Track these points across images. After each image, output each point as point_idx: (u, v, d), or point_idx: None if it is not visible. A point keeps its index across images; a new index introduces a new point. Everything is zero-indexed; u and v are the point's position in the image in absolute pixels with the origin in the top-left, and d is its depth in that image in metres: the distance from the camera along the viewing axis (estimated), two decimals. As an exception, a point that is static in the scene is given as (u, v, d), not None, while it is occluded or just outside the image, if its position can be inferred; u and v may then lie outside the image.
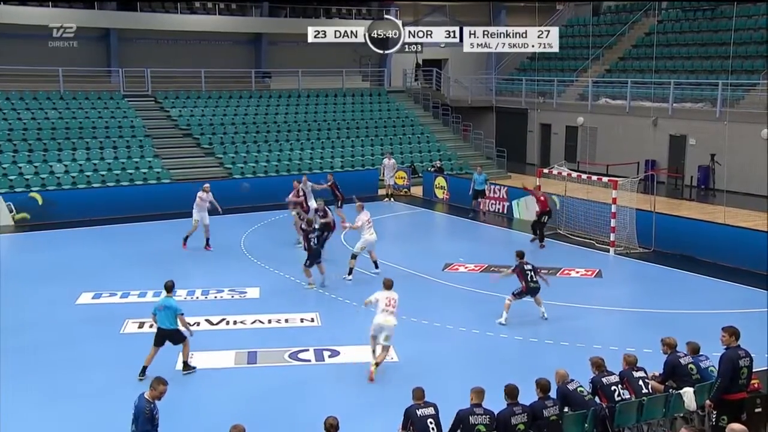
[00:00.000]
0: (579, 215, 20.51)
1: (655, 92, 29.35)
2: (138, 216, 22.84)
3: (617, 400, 8.75)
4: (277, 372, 11.44)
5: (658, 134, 29.00)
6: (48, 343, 12.47)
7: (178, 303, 11.26)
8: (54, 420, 9.85)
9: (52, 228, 21.29)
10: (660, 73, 30.24)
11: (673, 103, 28.71)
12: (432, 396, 8.30)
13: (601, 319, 14.09)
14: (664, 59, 31.62)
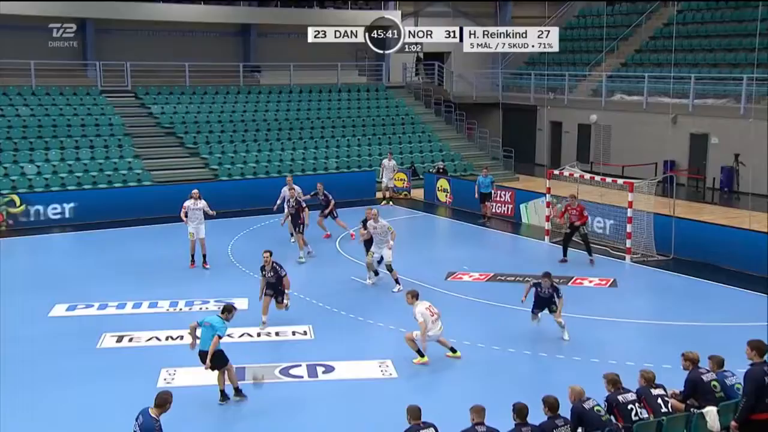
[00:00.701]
0: (592, 220, 20.51)
1: (675, 87, 29.34)
2: (116, 221, 22.84)
3: (634, 420, 8.72)
4: (267, 389, 11.40)
5: (678, 133, 29.02)
6: (17, 360, 12.39)
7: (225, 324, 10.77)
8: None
9: (22, 234, 21.27)
10: (680, 66, 30.27)
11: (694, 99, 28.76)
12: (433, 415, 8.28)
13: (616, 332, 14.07)
14: (684, 52, 31.68)
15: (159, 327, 13.85)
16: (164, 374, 11.72)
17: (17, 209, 22.01)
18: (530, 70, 35.92)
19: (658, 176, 24.69)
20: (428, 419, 8.15)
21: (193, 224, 17.20)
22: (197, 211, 17.22)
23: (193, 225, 17.20)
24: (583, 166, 24.76)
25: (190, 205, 17.28)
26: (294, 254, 18.29)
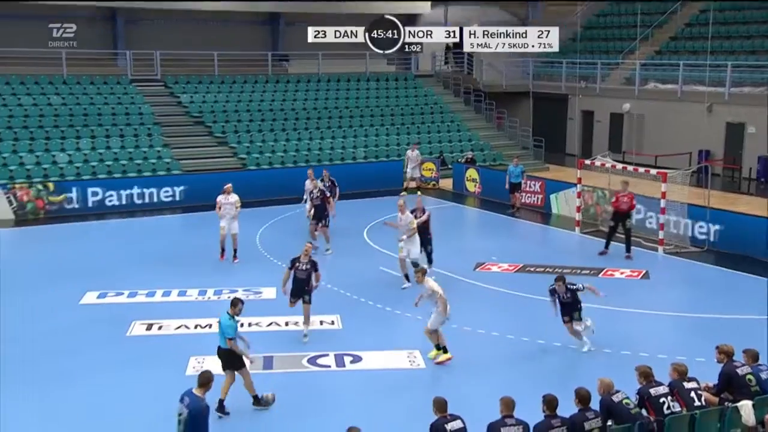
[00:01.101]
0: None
1: (710, 75, 28.91)
2: (146, 209, 23.15)
3: (666, 413, 8.63)
4: (295, 378, 11.48)
5: (713, 122, 28.60)
6: (49, 347, 12.60)
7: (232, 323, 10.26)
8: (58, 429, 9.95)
9: (53, 222, 21.62)
10: (716, 54, 29.79)
11: (731, 87, 28.29)
12: (460, 407, 8.27)
13: (648, 324, 13.93)
14: (720, 39, 31.13)
15: (188, 315, 14.00)
16: (193, 362, 11.84)
17: (58, 198, 22.37)
18: (562, 58, 35.55)
19: (693, 166, 24.37)
20: (456, 411, 8.13)
21: (225, 219, 17.09)
22: (229, 205, 17.06)
23: (226, 219, 17.09)
24: (615, 156, 24.52)
25: (222, 199, 17.16)
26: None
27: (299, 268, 12.84)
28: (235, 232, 17.20)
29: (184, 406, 7.93)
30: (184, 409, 7.87)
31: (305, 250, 12.91)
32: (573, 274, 16.69)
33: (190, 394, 8.05)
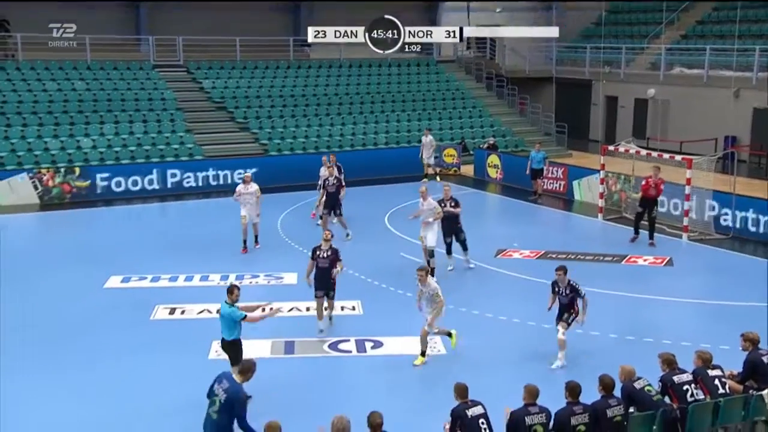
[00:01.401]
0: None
1: (738, 60, 28.50)
2: (169, 194, 23.32)
3: (690, 401, 8.58)
4: (316, 363, 11.54)
5: (740, 107, 28.23)
6: (74, 330, 12.76)
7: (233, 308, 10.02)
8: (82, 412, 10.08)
9: (78, 207, 21.83)
10: (743, 38, 29.36)
11: (758, 72, 27.85)
12: (481, 393, 8.26)
13: (671, 311, 13.83)
14: (748, 22, 30.67)
15: (210, 300, 14.05)
16: (215, 346, 11.88)
17: (84, 183, 22.58)
18: (585, 43, 35.24)
19: (719, 152, 24.08)
20: (476, 397, 8.13)
21: (245, 208, 16.95)
22: (248, 195, 16.92)
23: (246, 209, 16.94)
24: (639, 142, 24.28)
25: (242, 189, 17.04)
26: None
27: (320, 256, 12.42)
28: (255, 221, 17.13)
29: (222, 389, 7.82)
30: (223, 393, 7.79)
31: (325, 238, 12.61)
32: (596, 261, 16.64)
33: (230, 379, 7.91)
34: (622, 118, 32.84)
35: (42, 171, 22.44)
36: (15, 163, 23.22)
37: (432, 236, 15.21)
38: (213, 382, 8.04)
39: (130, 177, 23.28)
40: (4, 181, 21.92)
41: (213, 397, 7.89)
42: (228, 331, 10.05)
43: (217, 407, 7.78)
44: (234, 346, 10.10)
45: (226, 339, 10.10)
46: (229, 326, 10.01)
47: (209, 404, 7.92)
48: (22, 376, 10.92)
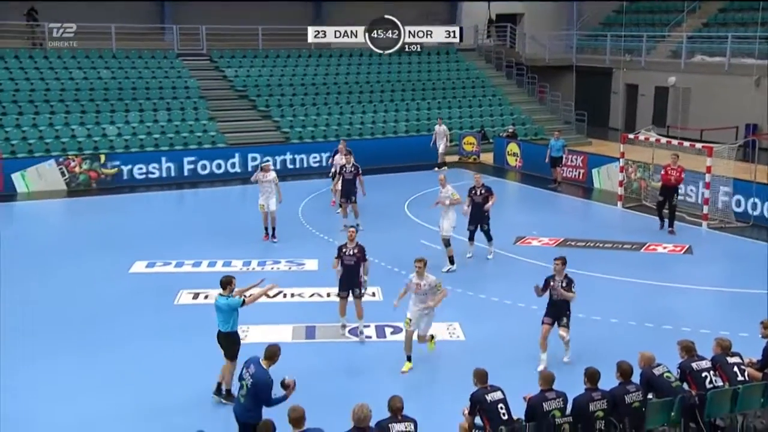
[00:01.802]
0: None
1: (760, 48, 28.08)
2: (192, 181, 23.44)
3: (709, 388, 8.52)
4: (337, 348, 11.58)
5: (762, 95, 27.84)
6: (102, 314, 12.89)
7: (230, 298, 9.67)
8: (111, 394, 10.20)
9: (104, 193, 22.03)
10: (765, 26, 28.90)
11: (780, 60, 27.48)
12: (500, 379, 8.25)
13: (690, 299, 13.71)
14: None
15: (232, 285, 14.15)
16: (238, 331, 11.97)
17: (110, 170, 22.77)
18: (606, 31, 34.87)
19: (739, 140, 23.80)
20: (495, 382, 8.12)
21: (263, 196, 16.67)
22: (267, 183, 16.61)
23: (264, 197, 16.66)
24: (659, 131, 24.01)
25: (261, 177, 16.73)
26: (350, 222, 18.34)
27: (346, 254, 11.87)
28: (273, 209, 16.69)
29: (249, 374, 7.90)
30: (249, 378, 7.88)
31: (350, 236, 12.00)
32: (615, 249, 16.54)
33: (257, 364, 7.95)
34: (643, 107, 32.51)
35: (69, 158, 22.63)
36: (43, 150, 23.45)
37: (447, 224, 15.01)
38: (242, 368, 8.11)
39: (155, 164, 23.41)
40: (32, 168, 22.15)
41: (241, 381, 8.01)
42: (225, 323, 9.64)
43: (244, 391, 7.92)
44: (230, 338, 9.72)
45: (223, 331, 9.69)
46: (227, 317, 9.61)
47: (239, 388, 8.05)
48: (52, 358, 11.06)
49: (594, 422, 7.91)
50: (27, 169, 22.10)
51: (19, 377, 10.45)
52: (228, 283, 9.71)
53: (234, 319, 9.67)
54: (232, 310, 9.58)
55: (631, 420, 8.12)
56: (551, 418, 7.86)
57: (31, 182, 22.05)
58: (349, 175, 17.80)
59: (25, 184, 22.03)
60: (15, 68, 26.58)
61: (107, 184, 22.69)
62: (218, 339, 9.81)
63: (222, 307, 9.60)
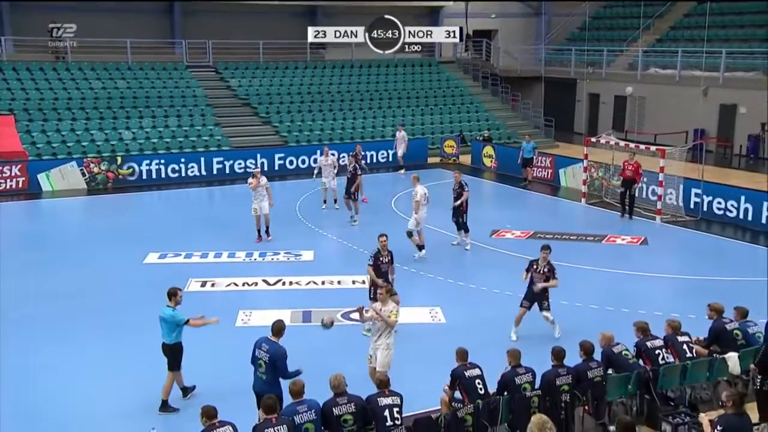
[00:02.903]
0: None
1: (706, 61, 28.25)
2: (200, 181, 23.35)
3: (661, 364, 8.60)
4: (330, 330, 11.52)
5: (708, 103, 28.01)
6: (117, 301, 12.84)
7: (177, 312, 9.10)
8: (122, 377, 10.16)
9: (120, 192, 21.92)
10: (711, 42, 29.09)
11: (724, 72, 27.62)
12: (477, 358, 8.29)
13: (646, 285, 13.80)
14: (716, 28, 30.38)
15: (237, 274, 14.15)
16: (241, 315, 11.99)
17: (126, 171, 22.62)
18: (571, 45, 34.95)
19: (689, 144, 23.93)
20: (474, 361, 8.16)
21: (256, 201, 16.05)
22: (259, 188, 15.99)
23: (257, 201, 16.05)
24: (618, 135, 24.18)
25: (252, 182, 16.11)
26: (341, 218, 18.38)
27: (382, 261, 11.42)
28: (266, 212, 16.13)
29: (264, 351, 7.92)
30: (265, 354, 7.90)
31: (382, 244, 11.45)
32: (579, 241, 16.61)
33: (268, 341, 7.97)
34: (604, 113, 32.61)
35: (89, 160, 22.48)
36: (65, 153, 23.28)
37: (412, 219, 15.05)
38: (254, 350, 8.10)
39: (166, 165, 23.29)
40: (56, 169, 21.98)
41: (258, 361, 7.99)
42: (168, 335, 9.04)
43: (264, 369, 7.91)
44: (174, 349, 9.09)
45: (168, 343, 9.05)
46: (171, 329, 9.02)
47: (256, 368, 8.01)
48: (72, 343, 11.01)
49: (560, 395, 7.98)
50: (51, 170, 21.95)
51: (48, 358, 10.40)
52: (174, 295, 9.14)
53: (178, 332, 9.07)
54: (176, 324, 9.01)
55: (593, 393, 8.20)
56: (522, 391, 7.92)
57: (54, 182, 21.91)
58: (349, 174, 18.10)
59: (49, 183, 21.88)
60: (40, 80, 26.37)
61: (123, 183, 22.56)
62: (163, 350, 9.18)
63: (167, 319, 9.02)
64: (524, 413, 7.48)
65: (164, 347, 9.12)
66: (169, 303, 9.08)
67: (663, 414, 8.26)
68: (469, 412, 7.65)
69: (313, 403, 7.24)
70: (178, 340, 9.08)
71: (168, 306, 9.07)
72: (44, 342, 10.92)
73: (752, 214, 17.43)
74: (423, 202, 15.02)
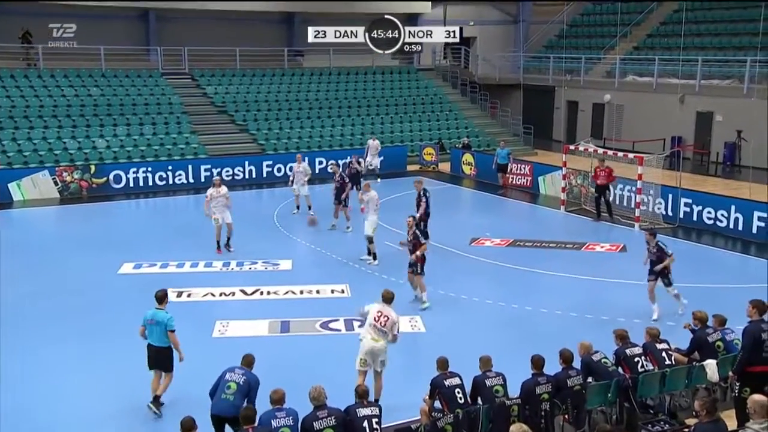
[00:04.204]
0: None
1: (683, 69, 28.67)
2: (176, 189, 23.18)
3: (640, 372, 8.66)
4: (309, 340, 11.53)
5: (685, 111, 28.41)
6: (89, 311, 12.68)
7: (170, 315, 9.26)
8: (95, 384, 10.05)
9: (94, 201, 21.67)
10: (688, 50, 29.52)
11: (701, 80, 28.04)
12: (457, 366, 8.30)
13: (625, 292, 13.90)
14: (692, 36, 30.84)
15: (213, 284, 14.05)
16: (218, 326, 11.90)
17: (100, 180, 22.38)
18: (549, 53, 35.29)
19: (666, 151, 24.23)
20: (454, 370, 8.17)
21: (217, 210, 15.74)
22: (220, 198, 15.73)
23: (218, 211, 15.76)
24: (596, 142, 24.40)
25: (213, 192, 15.79)
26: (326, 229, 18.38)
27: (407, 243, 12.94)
28: (229, 221, 15.85)
29: (240, 375, 7.95)
30: (241, 377, 7.93)
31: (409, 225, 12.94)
32: (558, 248, 16.73)
33: (243, 368, 8.03)
34: (582, 121, 32.94)
35: (62, 168, 22.22)
36: (37, 162, 22.98)
37: (368, 225, 15.27)
38: (223, 374, 8.06)
39: (141, 174, 23.09)
40: (27, 178, 21.70)
41: (228, 383, 7.93)
42: (164, 338, 9.11)
43: (233, 391, 7.86)
44: (170, 352, 9.20)
45: (163, 346, 9.12)
46: (164, 333, 9.11)
47: (221, 392, 7.90)
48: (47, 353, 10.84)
49: (540, 404, 8.01)
50: (23, 179, 21.65)
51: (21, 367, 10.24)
52: (165, 297, 9.32)
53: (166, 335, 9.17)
54: (167, 328, 9.10)
55: (573, 401, 8.23)
56: (495, 393, 7.95)
57: (26, 191, 21.61)
58: (336, 183, 18.23)
59: (20, 192, 21.58)
60: (11, 87, 26.03)
61: (96, 192, 22.31)
62: (157, 354, 9.19)
63: (161, 322, 9.09)
64: (504, 422, 7.50)
65: (159, 350, 9.17)
66: (160, 306, 9.24)
67: (643, 422, 8.32)
68: (449, 422, 7.65)
69: (291, 411, 7.28)
70: (169, 343, 9.18)
71: (158, 308, 9.21)
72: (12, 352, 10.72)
73: (731, 222, 17.67)
74: (373, 209, 15.28)
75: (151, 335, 9.22)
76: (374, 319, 9.31)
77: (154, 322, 9.16)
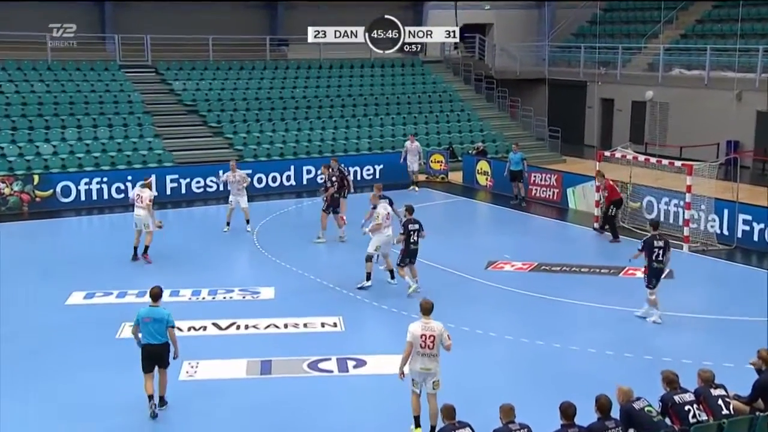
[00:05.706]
0: (646, 206, 20.25)
1: (740, 61, 28.81)
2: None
3: (692, 422, 8.60)
4: (295, 384, 11.49)
5: (743, 110, 28.49)
6: (33, 349, 12.61)
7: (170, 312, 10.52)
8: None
9: (37, 218, 21.63)
10: (746, 38, 29.68)
11: (762, 73, 28.16)
12: (470, 416, 8.26)
13: (672, 327, 13.87)
14: (751, 21, 31.03)
15: (181, 317, 13.83)
16: (186, 367, 11.84)
17: (45, 192, 22.40)
18: (579, 42, 35.49)
19: (720, 158, 24.32)
20: (464, 415, 8.14)
21: (232, 194, 19.28)
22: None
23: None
24: (636, 147, 24.45)
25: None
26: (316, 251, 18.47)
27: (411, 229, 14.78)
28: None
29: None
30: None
31: None
32: (592, 273, 16.73)
33: None
34: (619, 122, 33.07)
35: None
36: (-31, 171, 23.05)
37: (372, 243, 15.44)
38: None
39: (94, 185, 23.09)
40: (-44, 190, 21.75)
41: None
42: (163, 335, 10.25)
43: None
44: (168, 347, 10.33)
45: (162, 342, 10.28)
46: (164, 329, 10.23)
47: None
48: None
49: (572, 461, 7.95)
50: (-49, 192, 21.71)
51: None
52: (161, 294, 10.53)
53: None
54: (167, 324, 10.23)
55: (612, 458, 8.17)
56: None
57: (-44, 206, 21.65)
58: (331, 182, 18.81)
59: (-51, 207, 21.63)
60: (-61, 81, 26.20)
61: (41, 207, 22.31)
62: (155, 352, 10.25)
63: (162, 318, 10.20)
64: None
65: (157, 348, 10.20)
66: (155, 303, 10.37)
67: (695, 482, 8.26)
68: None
69: None
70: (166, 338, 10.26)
71: (153, 306, 10.36)
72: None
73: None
74: (386, 223, 15.35)
75: (148, 334, 10.21)
76: (420, 346, 9.61)
77: (152, 319, 10.21)
